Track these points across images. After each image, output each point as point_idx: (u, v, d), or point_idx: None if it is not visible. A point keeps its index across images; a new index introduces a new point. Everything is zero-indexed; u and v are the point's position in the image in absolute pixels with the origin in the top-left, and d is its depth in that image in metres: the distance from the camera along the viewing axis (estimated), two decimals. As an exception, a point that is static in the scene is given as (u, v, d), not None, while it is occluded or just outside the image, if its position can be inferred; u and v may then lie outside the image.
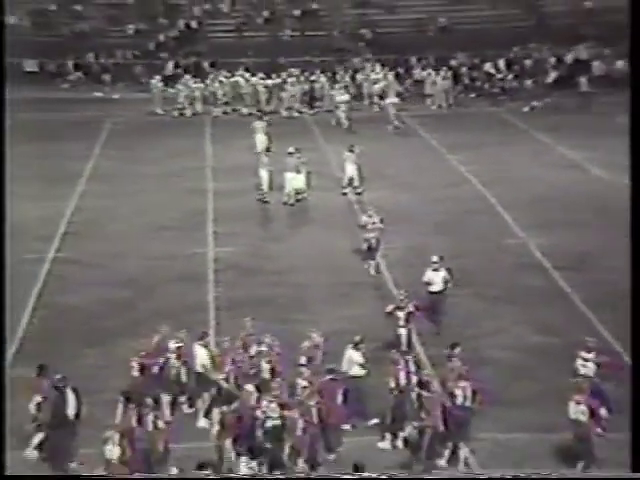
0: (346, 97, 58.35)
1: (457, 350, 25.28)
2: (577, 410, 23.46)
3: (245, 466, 22.28)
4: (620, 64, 65.02)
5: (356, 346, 25.83)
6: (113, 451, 22.11)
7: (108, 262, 36.49)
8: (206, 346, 26.33)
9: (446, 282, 29.98)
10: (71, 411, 24.03)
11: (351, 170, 43.45)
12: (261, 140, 49.65)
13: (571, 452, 23.80)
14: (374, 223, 34.76)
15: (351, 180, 43.42)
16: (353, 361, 25.75)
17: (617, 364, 25.54)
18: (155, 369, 25.80)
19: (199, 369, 25.94)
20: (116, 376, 26.25)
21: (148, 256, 37.00)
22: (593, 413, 23.51)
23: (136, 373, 25.58)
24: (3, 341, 21.26)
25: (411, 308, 27.83)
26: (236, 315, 29.46)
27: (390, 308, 27.76)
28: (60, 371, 25.36)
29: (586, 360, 25.42)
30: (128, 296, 33.52)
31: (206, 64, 66.07)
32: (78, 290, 34.01)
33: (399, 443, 24.38)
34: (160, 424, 23.06)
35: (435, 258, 30.26)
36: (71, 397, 24.07)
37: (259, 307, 31.28)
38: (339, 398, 24.60)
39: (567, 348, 26.61)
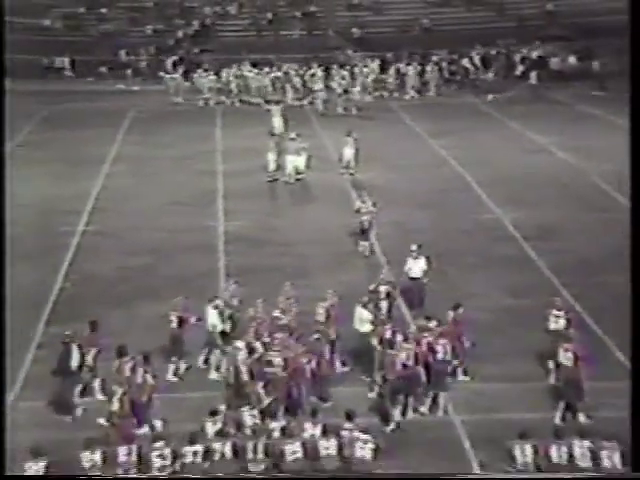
0: (341, 88, 58.88)
1: (460, 310, 25.67)
2: (565, 356, 23.91)
3: (248, 414, 22.23)
4: (572, 60, 65.53)
5: (365, 305, 26.22)
6: (114, 404, 22.43)
7: (130, 234, 36.92)
8: (216, 307, 26.50)
9: (424, 270, 29.66)
10: (74, 363, 24.36)
11: (349, 153, 43.68)
12: (279, 123, 50.43)
13: (539, 398, 24.19)
14: (367, 207, 34.60)
15: (348, 162, 43.67)
16: (363, 319, 26.06)
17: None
18: (193, 320, 26.12)
19: (210, 328, 26.19)
20: (138, 334, 26.73)
21: (166, 229, 37.31)
22: (578, 359, 23.80)
23: (174, 325, 26.04)
24: (3, 341, 20.24)
25: (390, 288, 28.08)
26: (243, 281, 29.72)
27: (372, 287, 27.75)
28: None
29: (557, 317, 25.84)
30: (148, 264, 33.88)
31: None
32: (104, 258, 34.41)
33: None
34: (149, 378, 23.30)
35: (414, 247, 29.93)
36: (75, 351, 24.40)
37: (264, 274, 31.66)
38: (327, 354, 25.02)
39: (535, 308, 27.13)
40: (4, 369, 20.53)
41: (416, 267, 29.66)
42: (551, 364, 25.04)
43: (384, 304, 27.38)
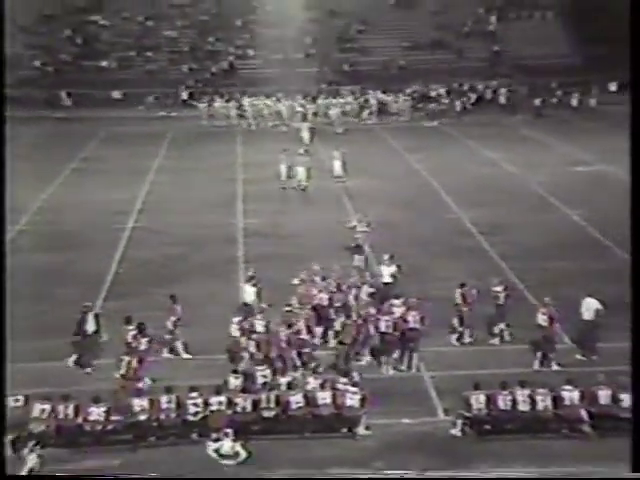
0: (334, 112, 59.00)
1: (466, 288, 25.61)
2: (541, 318, 23.98)
3: (260, 374, 21.90)
4: (524, 90, 65.45)
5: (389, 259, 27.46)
6: (122, 367, 22.32)
7: (169, 229, 36.69)
8: (254, 285, 26.26)
9: (394, 276, 27.93)
10: (89, 328, 24.23)
11: (337, 165, 43.54)
12: (307, 135, 51.84)
13: (489, 358, 24.13)
14: (362, 227, 32.67)
15: (338, 173, 43.47)
16: (384, 273, 27.06)
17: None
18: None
19: (246, 301, 25.98)
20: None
21: (197, 225, 37.08)
22: (553, 320, 23.89)
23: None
24: (3, 340, 19.92)
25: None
26: (258, 266, 29.65)
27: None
28: (135, 305, 25.79)
29: (498, 292, 25.80)
30: (183, 252, 33.73)
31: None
32: (149, 249, 34.27)
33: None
34: (143, 343, 23.16)
35: (386, 256, 28.33)
36: (91, 319, 24.29)
37: (274, 261, 31.60)
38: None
39: (486, 286, 26.84)
40: (4, 370, 19.91)
41: (386, 273, 27.98)
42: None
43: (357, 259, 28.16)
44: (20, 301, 28.38)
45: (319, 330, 25.00)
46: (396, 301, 24.74)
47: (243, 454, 18.56)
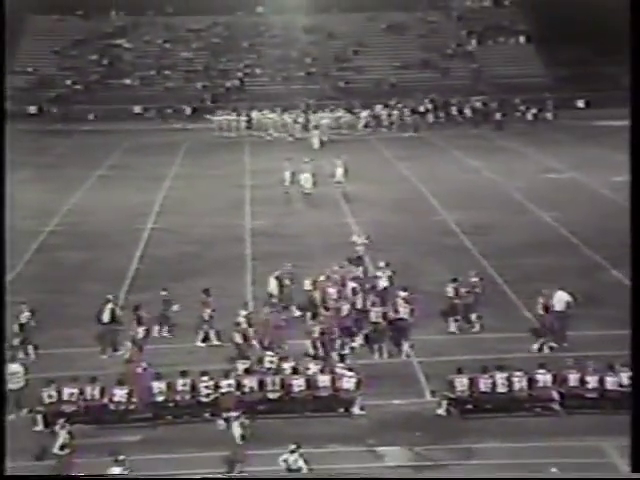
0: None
1: (456, 283, 25.31)
2: (540, 307, 23.92)
3: (268, 360, 21.64)
4: (494, 105, 65.33)
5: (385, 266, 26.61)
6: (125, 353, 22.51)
7: (184, 229, 36.43)
8: (277, 278, 25.90)
9: (390, 278, 26.57)
10: (105, 318, 24.08)
11: (339, 172, 43.22)
12: (317, 142, 52.40)
13: (469, 345, 24.02)
14: (362, 240, 30.70)
15: (339, 179, 42.95)
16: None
17: None
18: None
19: (270, 292, 25.64)
20: (189, 300, 26.23)
21: (209, 225, 36.88)
22: (547, 309, 23.84)
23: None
24: (3, 340, 19.63)
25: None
26: (264, 263, 29.51)
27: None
28: (154, 298, 25.64)
29: (476, 283, 25.66)
30: (196, 250, 33.52)
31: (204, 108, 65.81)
32: (166, 247, 34.07)
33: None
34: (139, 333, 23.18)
35: (382, 264, 26.98)
36: (107, 310, 24.07)
37: (279, 258, 30.96)
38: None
39: (469, 281, 26.69)
40: (4, 373, 19.94)
41: (382, 282, 26.32)
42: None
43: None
44: (50, 294, 28.44)
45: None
46: (402, 293, 24.55)
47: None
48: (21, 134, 58.79)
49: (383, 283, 26.30)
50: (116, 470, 16.81)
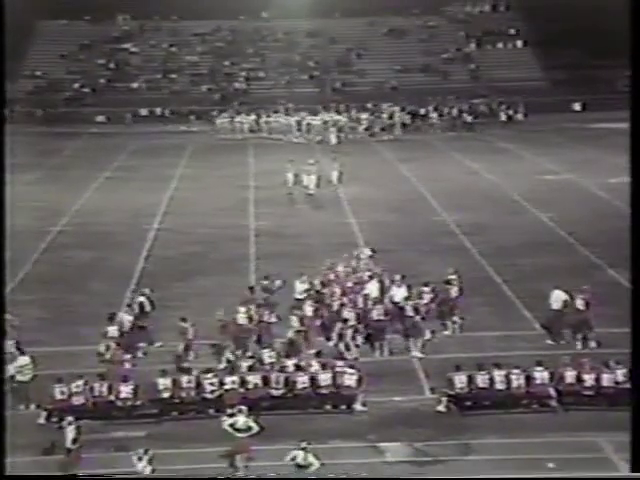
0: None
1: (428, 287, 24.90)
2: (579, 302, 23.72)
3: (267, 355, 21.47)
4: (503, 109, 65.20)
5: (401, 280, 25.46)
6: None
7: (190, 230, 36.28)
8: (303, 282, 25.41)
9: (405, 297, 24.60)
10: (148, 308, 24.26)
11: (334, 175, 43.10)
12: (334, 140, 54.69)
13: (468, 341, 23.95)
14: (367, 253, 28.82)
15: (333, 182, 42.85)
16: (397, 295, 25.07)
17: None
18: None
19: (297, 296, 25.07)
20: (194, 299, 26.42)
21: (214, 226, 36.74)
22: (588, 304, 23.62)
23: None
24: (3, 341, 19.55)
25: (370, 252, 27.91)
26: (268, 262, 29.41)
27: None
28: (159, 296, 25.56)
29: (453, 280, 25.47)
30: (201, 250, 33.40)
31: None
32: (171, 247, 33.96)
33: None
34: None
35: (397, 277, 25.40)
36: (147, 303, 24.28)
37: (282, 258, 31.27)
38: None
39: (468, 280, 26.65)
40: (4, 373, 19.85)
41: (399, 294, 24.81)
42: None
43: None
44: (58, 292, 28.43)
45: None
46: (425, 288, 24.54)
47: (255, 428, 18.40)
48: (30, 136, 58.87)
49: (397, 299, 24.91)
50: (140, 465, 16.77)
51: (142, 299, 24.46)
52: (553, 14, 69.12)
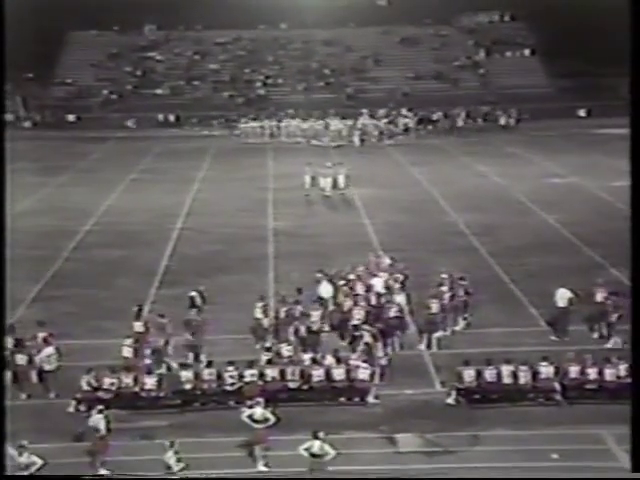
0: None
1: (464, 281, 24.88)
2: (600, 296, 23.70)
3: (285, 349, 21.47)
4: (505, 117, 64.97)
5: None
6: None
7: (211, 229, 36.35)
8: (330, 281, 25.09)
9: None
10: (198, 302, 24.36)
11: (341, 178, 42.78)
12: (357, 142, 55.14)
13: (477, 339, 23.84)
14: (387, 262, 27.62)
15: (341, 184, 42.39)
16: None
17: None
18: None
19: (323, 295, 24.71)
20: (218, 295, 26.30)
21: (235, 226, 36.76)
22: (607, 298, 23.52)
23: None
24: (3, 341, 19.17)
25: (389, 261, 27.39)
26: (286, 262, 29.34)
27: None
28: (183, 293, 25.54)
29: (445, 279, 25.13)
30: (223, 249, 33.41)
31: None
32: (194, 246, 33.98)
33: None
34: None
35: (397, 285, 25.18)
36: (198, 299, 24.44)
37: (299, 257, 31.30)
38: None
39: (476, 280, 26.56)
40: (4, 370, 19.65)
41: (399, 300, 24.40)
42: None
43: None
44: (87, 289, 28.55)
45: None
46: (444, 288, 24.46)
47: (272, 419, 18.41)
48: (61, 140, 59.16)
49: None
50: (169, 454, 16.82)
51: (194, 294, 24.59)
52: (559, 24, 68.84)
